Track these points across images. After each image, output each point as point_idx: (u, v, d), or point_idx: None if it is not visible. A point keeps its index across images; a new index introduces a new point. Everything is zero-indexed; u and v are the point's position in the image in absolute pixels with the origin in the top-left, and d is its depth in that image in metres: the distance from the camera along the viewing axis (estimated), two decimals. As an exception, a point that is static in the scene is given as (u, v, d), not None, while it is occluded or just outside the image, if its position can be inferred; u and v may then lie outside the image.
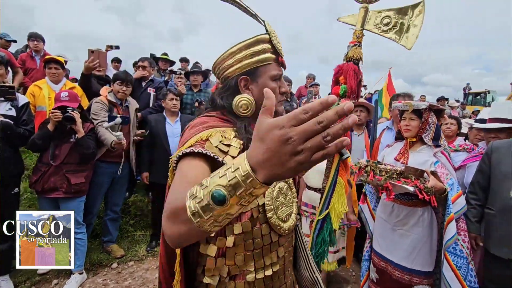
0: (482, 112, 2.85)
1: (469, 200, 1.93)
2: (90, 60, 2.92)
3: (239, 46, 0.89)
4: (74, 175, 2.48)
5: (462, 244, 1.74)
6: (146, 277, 2.68)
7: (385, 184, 1.58)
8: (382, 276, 1.99)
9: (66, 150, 2.43)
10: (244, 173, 0.46)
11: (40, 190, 2.40)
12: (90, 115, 2.71)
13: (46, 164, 2.42)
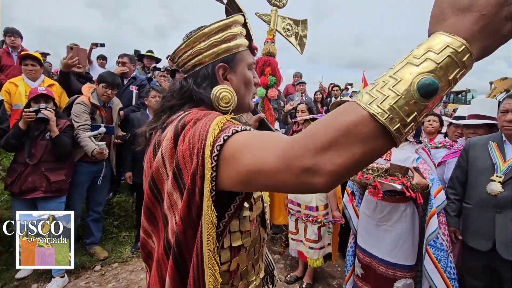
0: (460, 109, 2.94)
1: (448, 195, 1.98)
2: (69, 57, 2.82)
3: (215, 26, 0.74)
4: (53, 173, 2.40)
5: (442, 237, 1.79)
6: (130, 279, 2.63)
7: (374, 183, 1.60)
8: (367, 271, 2.03)
9: (43, 148, 2.36)
10: (461, 49, 0.38)
11: (18, 191, 2.31)
12: (71, 115, 2.62)
13: (22, 164, 2.33)
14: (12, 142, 2.26)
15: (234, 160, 0.53)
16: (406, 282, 1.86)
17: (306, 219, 2.45)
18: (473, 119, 2.25)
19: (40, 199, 2.38)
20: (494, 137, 1.82)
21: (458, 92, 15.26)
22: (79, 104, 2.65)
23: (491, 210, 1.68)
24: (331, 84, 6.79)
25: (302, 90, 5.46)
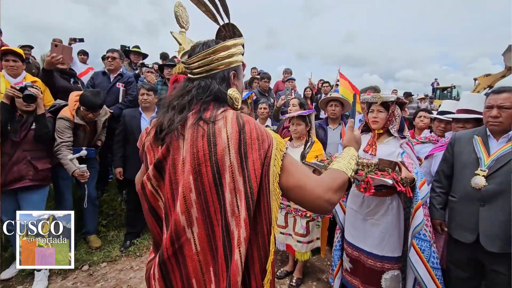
0: (443, 104, 3.00)
1: (434, 188, 2.02)
2: (52, 55, 2.73)
3: (234, 43, 0.93)
4: (40, 161, 2.42)
5: (425, 228, 1.84)
6: (119, 278, 2.59)
7: (366, 178, 1.61)
8: (355, 265, 2.06)
9: (26, 138, 2.35)
10: (356, 154, 1.09)
11: (2, 182, 2.25)
12: (55, 130, 2.58)
13: (7, 155, 2.29)
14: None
15: (287, 170, 0.83)
16: (393, 273, 1.90)
17: (295, 213, 2.46)
18: (462, 113, 2.29)
19: (24, 190, 2.36)
20: (479, 131, 1.86)
21: (444, 88, 15.59)
22: (62, 120, 2.61)
23: (475, 203, 1.72)
24: (321, 81, 6.82)
25: (291, 87, 5.46)
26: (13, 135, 2.30)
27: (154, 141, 0.88)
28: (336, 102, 3.13)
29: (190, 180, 0.79)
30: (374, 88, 2.98)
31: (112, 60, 3.43)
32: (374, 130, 2.01)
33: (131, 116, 3.09)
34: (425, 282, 1.78)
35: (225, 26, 1.00)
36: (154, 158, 0.87)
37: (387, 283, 1.91)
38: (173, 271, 0.83)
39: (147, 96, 3.06)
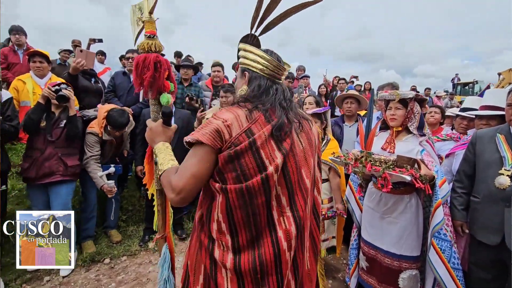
0: (467, 101, 2.89)
1: (455, 189, 1.97)
2: (77, 61, 2.85)
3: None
4: (70, 158, 2.58)
5: (446, 228, 1.79)
6: (139, 271, 2.68)
7: (383, 174, 1.60)
8: (372, 264, 2.04)
9: (57, 135, 2.50)
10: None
11: (34, 176, 2.43)
12: (85, 143, 2.75)
13: (38, 150, 2.46)
14: (32, 117, 2.39)
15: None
16: (411, 273, 1.87)
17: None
18: (486, 110, 2.19)
19: (54, 184, 2.53)
20: (502, 129, 1.79)
21: (465, 83, 14.98)
22: (92, 135, 2.75)
23: (499, 204, 1.66)
24: (336, 77, 6.73)
25: (305, 84, 5.42)
26: (45, 132, 2.46)
27: (271, 136, 0.96)
28: (352, 99, 3.09)
29: (313, 165, 1.10)
30: (392, 84, 2.91)
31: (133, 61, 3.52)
32: (392, 127, 1.98)
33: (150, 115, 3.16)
34: (445, 283, 1.74)
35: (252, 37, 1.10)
36: (273, 152, 0.94)
37: (405, 283, 1.88)
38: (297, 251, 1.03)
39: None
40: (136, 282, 2.53)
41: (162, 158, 1.08)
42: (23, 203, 2.98)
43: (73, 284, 2.46)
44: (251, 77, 1.08)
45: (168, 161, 1.06)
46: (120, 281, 2.53)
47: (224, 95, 3.20)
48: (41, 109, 2.43)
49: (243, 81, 1.10)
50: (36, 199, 2.57)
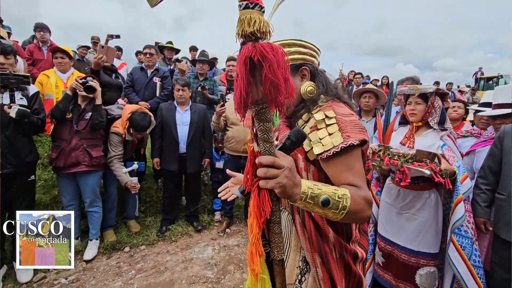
0: (485, 95, 2.76)
1: (479, 185, 1.91)
2: (99, 57, 2.95)
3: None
4: (94, 149, 2.70)
5: (467, 225, 1.75)
6: (157, 260, 2.77)
7: (402, 168, 1.58)
8: (388, 260, 2.02)
9: (82, 126, 2.62)
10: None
11: (62, 165, 2.58)
12: (109, 142, 2.88)
13: (65, 140, 2.60)
14: (60, 106, 2.53)
15: None
16: (429, 270, 1.84)
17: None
18: (499, 108, 2.08)
19: (81, 173, 2.68)
20: None
21: (489, 78, 14.31)
22: (115, 135, 2.88)
23: None
24: (352, 72, 6.61)
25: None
26: (72, 123, 2.59)
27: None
28: (370, 93, 3.03)
29: None
30: (412, 79, 2.83)
31: (150, 57, 3.61)
32: (412, 122, 1.94)
33: (167, 109, 3.23)
34: (465, 281, 1.71)
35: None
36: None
37: (422, 279, 1.86)
38: None
39: (182, 92, 3.19)
40: (155, 270, 2.62)
41: (326, 190, 0.77)
42: (49, 192, 3.14)
43: (95, 270, 2.58)
44: (313, 72, 1.03)
45: (333, 188, 0.79)
46: (140, 269, 2.63)
47: (240, 90, 3.23)
48: (68, 99, 2.58)
49: (299, 78, 1.02)
50: (65, 188, 2.72)
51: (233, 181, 1.23)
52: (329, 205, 0.75)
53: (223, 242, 3.15)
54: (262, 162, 0.70)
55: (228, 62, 4.21)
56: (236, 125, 3.23)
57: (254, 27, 0.62)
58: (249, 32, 0.63)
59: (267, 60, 0.63)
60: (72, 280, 2.44)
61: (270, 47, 0.64)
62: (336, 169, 0.86)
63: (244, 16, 0.63)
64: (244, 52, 0.64)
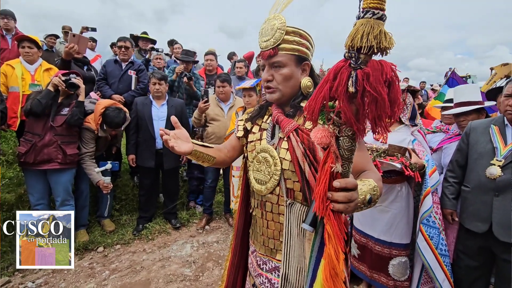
0: (448, 93, 2.90)
1: (447, 178, 1.99)
2: (70, 46, 2.79)
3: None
4: (69, 146, 2.57)
5: (435, 216, 1.83)
6: (133, 260, 2.69)
7: (374, 162, 1.62)
8: (363, 252, 2.08)
9: (59, 122, 2.49)
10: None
11: (32, 162, 2.42)
12: (81, 139, 2.74)
13: (37, 135, 2.44)
14: (42, 101, 2.40)
15: None
16: (401, 260, 1.92)
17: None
18: (461, 106, 2.18)
19: (53, 171, 2.53)
20: (496, 121, 1.81)
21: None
22: (87, 131, 2.74)
23: (489, 193, 1.70)
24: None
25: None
26: (47, 118, 2.46)
27: None
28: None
29: None
30: None
31: (126, 50, 3.46)
32: (385, 118, 2.00)
33: (142, 104, 3.13)
34: (432, 269, 1.79)
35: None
36: None
37: (394, 269, 1.93)
38: None
39: (159, 85, 3.09)
40: (130, 269, 2.54)
41: (366, 189, 0.80)
42: (14, 191, 2.94)
43: (66, 272, 2.46)
44: (312, 68, 1.04)
45: (368, 184, 0.82)
46: (114, 269, 2.54)
47: (221, 85, 3.17)
48: (51, 96, 2.46)
49: (299, 72, 1.01)
50: (33, 186, 2.55)
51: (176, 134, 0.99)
52: (371, 202, 0.80)
53: (202, 239, 3.11)
54: (350, 186, 0.68)
55: (207, 56, 4.14)
56: (216, 121, 3.18)
57: (390, 43, 0.57)
58: (383, 47, 0.56)
59: (394, 84, 0.60)
60: (40, 284, 2.31)
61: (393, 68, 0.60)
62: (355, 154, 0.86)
63: (379, 29, 0.56)
64: (387, 71, 0.58)
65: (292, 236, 0.98)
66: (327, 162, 0.71)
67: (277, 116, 1.04)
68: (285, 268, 0.99)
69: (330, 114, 0.67)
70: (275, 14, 0.97)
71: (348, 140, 0.67)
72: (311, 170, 0.93)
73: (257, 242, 1.15)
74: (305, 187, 0.95)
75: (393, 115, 0.60)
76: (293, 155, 0.96)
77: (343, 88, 0.60)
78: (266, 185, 1.04)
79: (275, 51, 0.97)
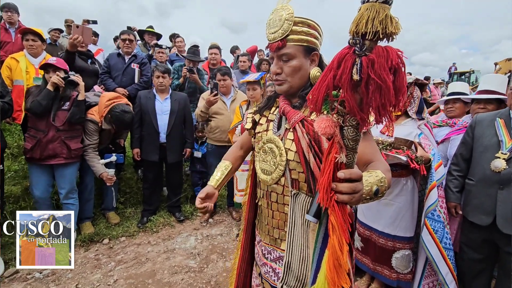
0: (450, 86, 2.88)
1: (452, 171, 2.00)
2: (74, 37, 2.77)
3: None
4: (72, 140, 2.59)
5: (440, 210, 1.84)
6: (138, 251, 2.72)
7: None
8: (366, 244, 2.09)
9: (60, 118, 2.50)
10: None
11: (38, 157, 2.45)
12: (84, 130, 2.74)
13: (42, 131, 2.47)
14: (42, 103, 2.40)
15: None
16: (404, 253, 1.93)
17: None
18: (483, 94, 2.19)
19: (57, 166, 2.57)
20: (502, 114, 1.80)
21: (462, 73, 14.99)
22: (91, 123, 2.73)
23: (493, 186, 1.70)
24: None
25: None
26: (49, 114, 2.47)
27: None
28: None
29: None
30: None
31: (130, 43, 3.45)
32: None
33: (146, 98, 3.12)
34: (436, 262, 1.80)
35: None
36: None
37: (398, 262, 1.95)
38: None
39: (162, 79, 3.08)
40: (136, 261, 2.57)
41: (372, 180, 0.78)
42: (20, 183, 2.97)
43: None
44: (321, 59, 1.03)
45: (375, 176, 0.80)
46: (119, 261, 2.57)
47: (222, 78, 3.16)
48: (51, 96, 2.45)
49: (308, 63, 1.01)
50: (37, 180, 2.56)
51: (201, 196, 1.15)
52: (378, 193, 0.77)
53: (206, 232, 3.14)
54: (354, 177, 0.66)
55: (211, 50, 4.12)
56: (220, 115, 3.18)
57: (396, 28, 0.54)
58: (389, 32, 0.54)
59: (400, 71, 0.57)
60: (47, 274, 2.34)
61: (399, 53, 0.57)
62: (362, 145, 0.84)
63: (385, 13, 0.53)
64: (392, 57, 0.55)
65: (296, 226, 0.99)
66: (331, 153, 0.69)
67: (283, 107, 1.04)
68: (288, 257, 1.00)
69: (334, 103, 0.64)
70: (282, 4, 0.96)
71: (353, 130, 0.65)
72: (316, 161, 0.93)
73: (262, 231, 1.16)
74: (310, 178, 0.96)
75: (398, 104, 0.58)
76: (298, 146, 0.97)
77: (347, 76, 0.58)
78: (272, 175, 1.05)
79: (283, 43, 0.95)
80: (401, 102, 0.58)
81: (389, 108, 0.58)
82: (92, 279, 2.32)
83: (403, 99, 0.59)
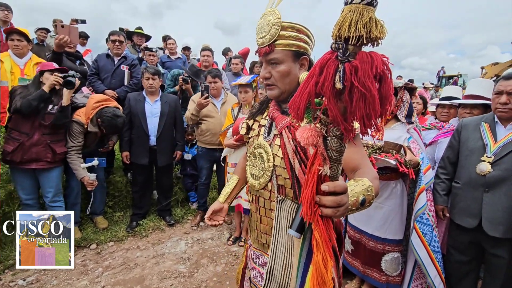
0: (444, 90, 2.96)
1: (439, 175, 2.03)
2: (60, 37, 2.70)
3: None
4: (58, 144, 2.52)
5: (428, 213, 1.87)
6: (127, 256, 2.67)
7: (369, 158, 1.63)
8: (357, 247, 2.11)
9: (47, 121, 2.43)
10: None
11: (19, 160, 2.36)
12: (69, 132, 2.65)
13: (25, 134, 2.38)
14: (34, 104, 2.32)
15: None
16: (393, 255, 1.95)
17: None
18: (470, 99, 2.25)
19: (41, 170, 2.48)
20: (487, 118, 1.85)
21: (449, 76, 15.35)
22: (77, 125, 2.65)
23: (479, 189, 1.73)
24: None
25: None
26: (35, 116, 2.39)
27: None
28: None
29: None
30: None
31: (120, 44, 3.39)
32: (381, 115, 2.02)
33: (135, 100, 3.08)
34: (425, 265, 1.83)
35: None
36: None
37: (387, 265, 1.96)
38: None
39: (152, 80, 3.04)
40: (124, 266, 2.52)
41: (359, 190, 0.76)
42: (4, 187, 2.87)
43: (58, 269, 2.42)
44: (311, 63, 1.02)
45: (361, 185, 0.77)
46: (107, 266, 2.51)
47: (213, 81, 3.15)
48: (45, 98, 2.38)
49: (297, 67, 1.00)
50: (22, 183, 2.50)
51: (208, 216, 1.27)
52: (365, 203, 0.75)
53: (196, 236, 3.11)
54: (338, 190, 0.63)
55: (203, 52, 4.10)
56: (210, 117, 3.16)
57: (381, 32, 0.51)
58: (374, 37, 0.51)
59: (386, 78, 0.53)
60: (31, 281, 2.27)
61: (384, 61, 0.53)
62: (349, 151, 0.85)
63: (369, 16, 0.50)
64: (377, 64, 0.51)
65: (281, 233, 0.98)
66: (315, 164, 0.65)
67: (272, 112, 1.05)
68: (271, 263, 0.99)
69: (316, 112, 0.61)
70: (270, 9, 0.96)
71: (337, 140, 0.62)
72: (302, 168, 0.92)
73: (252, 236, 1.16)
74: (295, 185, 0.95)
75: (384, 114, 0.54)
76: (284, 151, 0.96)
77: (330, 83, 0.54)
78: (259, 181, 1.05)
79: (271, 48, 0.95)
80: (388, 111, 0.55)
81: (375, 119, 0.54)
82: (79, 286, 2.26)
83: (390, 107, 0.55)
